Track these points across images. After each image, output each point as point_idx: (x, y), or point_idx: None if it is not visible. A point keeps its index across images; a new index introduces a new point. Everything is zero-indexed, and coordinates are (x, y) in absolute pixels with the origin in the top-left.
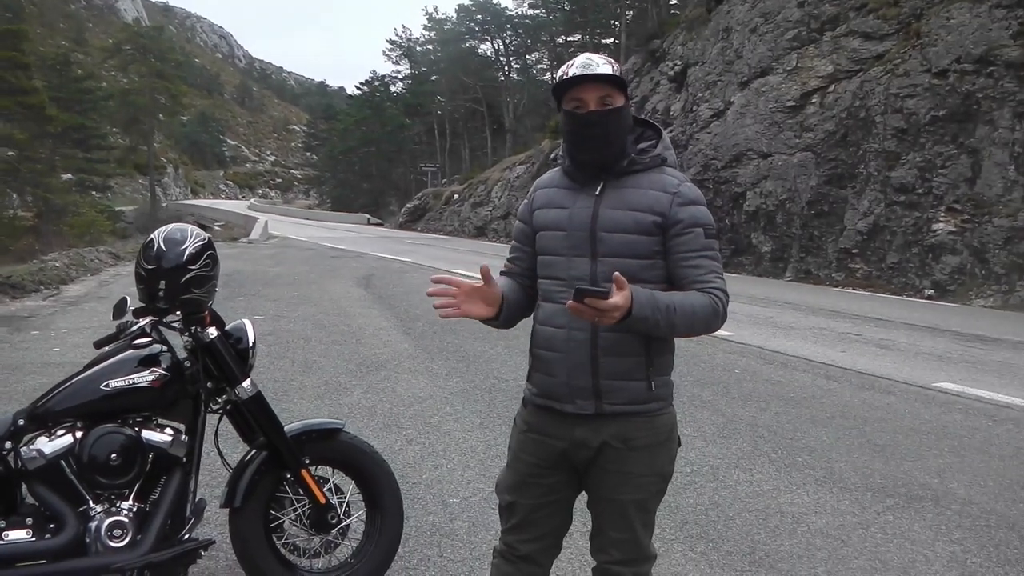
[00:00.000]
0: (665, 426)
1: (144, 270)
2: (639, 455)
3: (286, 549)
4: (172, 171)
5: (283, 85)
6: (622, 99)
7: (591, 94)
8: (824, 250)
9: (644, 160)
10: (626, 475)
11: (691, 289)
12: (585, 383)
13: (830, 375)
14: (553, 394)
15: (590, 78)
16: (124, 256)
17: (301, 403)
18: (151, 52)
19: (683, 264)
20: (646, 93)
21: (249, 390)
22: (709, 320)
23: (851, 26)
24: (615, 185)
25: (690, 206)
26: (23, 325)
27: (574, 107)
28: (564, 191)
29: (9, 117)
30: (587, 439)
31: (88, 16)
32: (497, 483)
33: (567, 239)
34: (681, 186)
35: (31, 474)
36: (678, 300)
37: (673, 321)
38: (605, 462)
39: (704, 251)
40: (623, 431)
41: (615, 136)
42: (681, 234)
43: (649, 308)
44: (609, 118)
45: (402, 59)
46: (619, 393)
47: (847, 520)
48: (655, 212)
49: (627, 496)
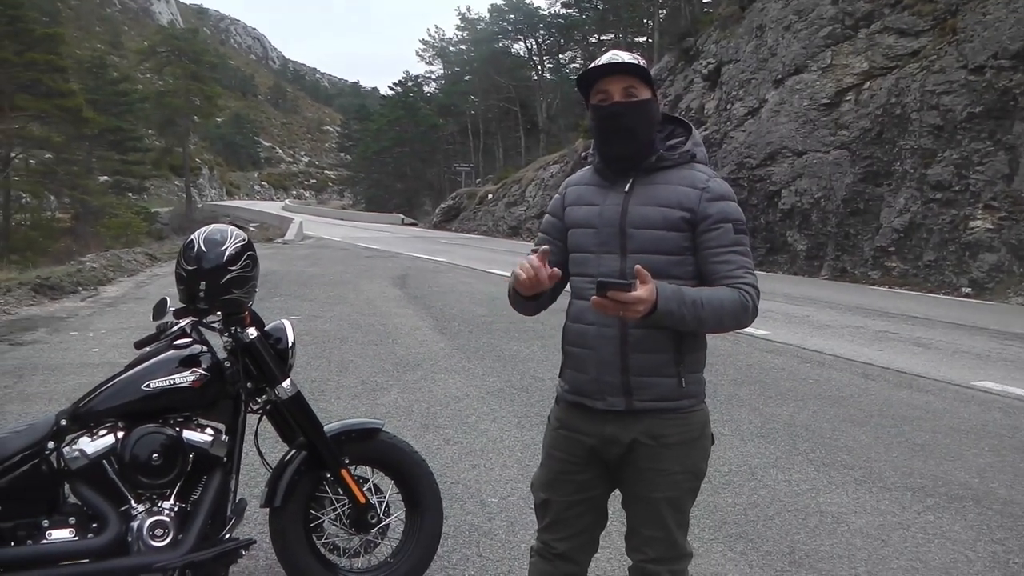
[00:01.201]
0: (698, 423)
1: (184, 271)
2: (671, 452)
3: (326, 548)
4: (207, 172)
5: (317, 86)
6: (647, 92)
7: (615, 85)
8: (860, 248)
9: (673, 156)
10: (659, 472)
11: (721, 285)
12: (615, 379)
13: (867, 374)
14: (584, 390)
15: (614, 68)
16: (160, 257)
17: (338, 403)
18: (186, 54)
19: (712, 260)
20: (680, 92)
21: (289, 390)
22: (738, 315)
23: (886, 23)
24: (644, 181)
25: (719, 201)
26: (62, 326)
27: (599, 100)
28: (595, 188)
29: (47, 120)
30: (617, 435)
31: (123, 19)
32: (532, 481)
33: (597, 236)
34: (710, 181)
35: (74, 474)
36: (706, 295)
37: (700, 316)
38: (637, 459)
39: (734, 246)
40: (654, 428)
41: (641, 129)
42: (710, 230)
43: (675, 302)
44: (634, 109)
45: (435, 59)
46: (649, 389)
47: (887, 520)
48: (684, 208)
49: (660, 494)
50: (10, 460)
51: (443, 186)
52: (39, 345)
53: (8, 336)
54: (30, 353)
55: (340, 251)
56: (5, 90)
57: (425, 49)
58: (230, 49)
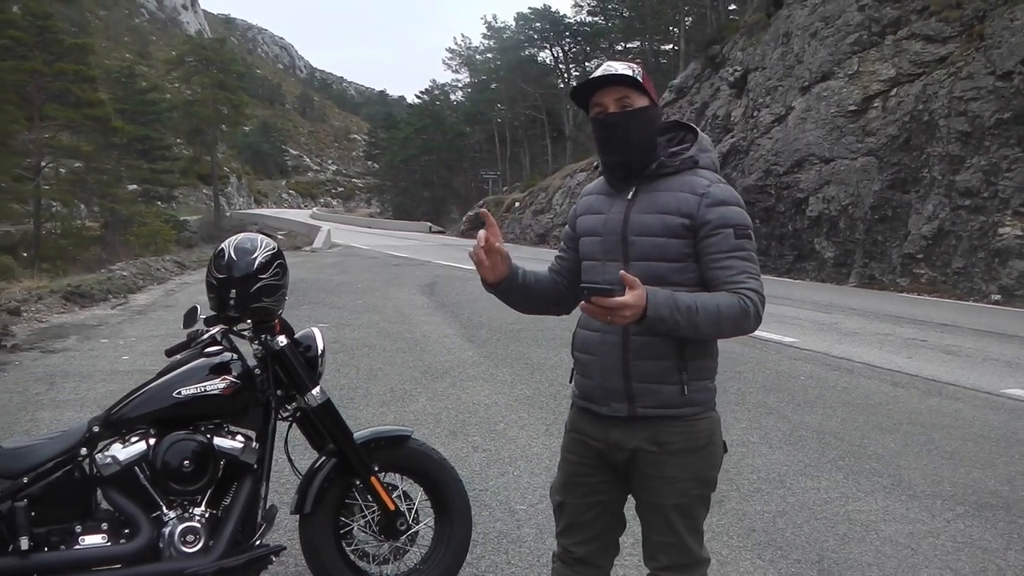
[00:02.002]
0: (704, 431)
1: (215, 279)
2: (676, 459)
3: (355, 555)
4: (235, 181)
5: (344, 95)
6: (643, 100)
7: (609, 97)
8: (888, 255)
9: (674, 163)
10: (665, 480)
11: (722, 290)
12: (617, 385)
13: (896, 381)
14: (590, 396)
15: (605, 80)
16: (189, 265)
17: (367, 410)
18: (214, 63)
19: (713, 266)
20: (706, 99)
21: (319, 397)
22: (739, 320)
23: (913, 29)
24: (647, 189)
25: (719, 207)
26: (92, 333)
27: (596, 112)
28: (603, 197)
29: (76, 129)
30: (621, 441)
31: (152, 29)
32: (551, 486)
33: (601, 244)
34: (711, 187)
35: (106, 480)
36: (701, 301)
37: (695, 321)
38: (643, 466)
39: (734, 252)
40: (657, 435)
41: (637, 137)
42: (710, 235)
43: (666, 308)
44: (628, 119)
45: (462, 68)
46: (651, 396)
47: (917, 528)
48: (683, 214)
49: (668, 501)
50: (44, 466)
51: (470, 194)
52: (70, 352)
53: (40, 343)
54: (61, 360)
55: (368, 259)
56: (35, 100)
57: (452, 57)
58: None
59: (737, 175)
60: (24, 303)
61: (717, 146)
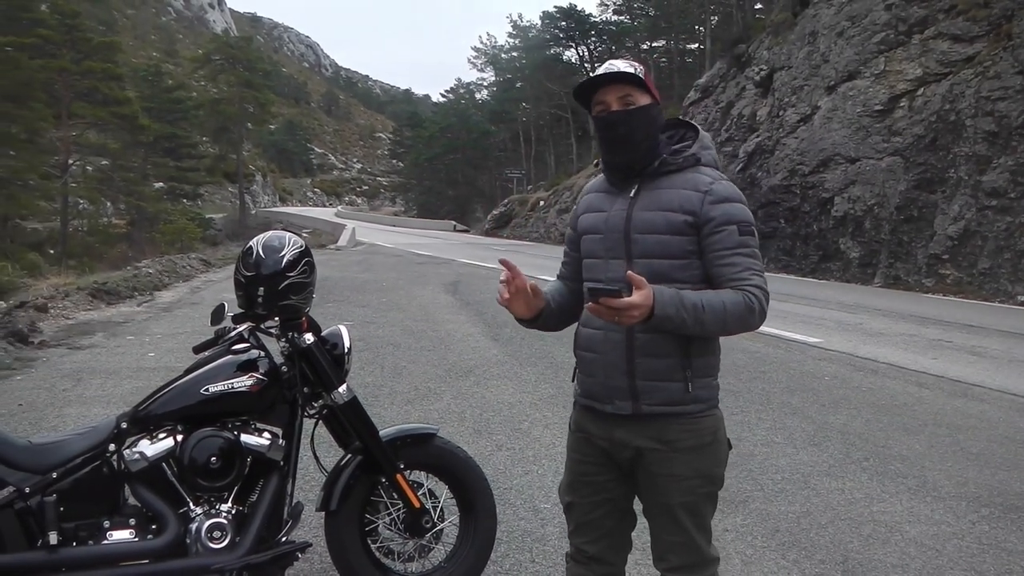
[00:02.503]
0: (709, 428)
1: (243, 276)
2: (682, 457)
3: (380, 552)
4: (260, 179)
5: (369, 93)
6: (645, 99)
7: (611, 95)
8: (914, 256)
9: (677, 161)
10: (671, 478)
11: (726, 288)
12: (622, 383)
13: (922, 382)
14: (593, 394)
15: (607, 79)
16: (215, 263)
17: (392, 408)
18: (240, 62)
19: (717, 263)
20: (732, 98)
21: (345, 395)
22: (744, 317)
23: (940, 28)
24: (649, 187)
25: (723, 203)
26: (119, 330)
27: (599, 111)
28: (604, 195)
29: (103, 127)
30: (626, 440)
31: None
32: (558, 486)
33: (603, 242)
34: (714, 184)
35: (134, 476)
36: (707, 298)
37: (702, 319)
38: (648, 464)
39: (738, 248)
40: (663, 433)
41: (640, 136)
42: (714, 232)
43: (673, 307)
44: (630, 117)
45: (487, 66)
46: (656, 394)
47: (942, 530)
48: (686, 211)
49: (676, 499)
50: (73, 462)
51: (495, 193)
52: (97, 349)
53: (67, 340)
54: (88, 357)
55: (392, 257)
56: (63, 98)
57: (477, 56)
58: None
59: (762, 175)
60: (51, 300)
61: (742, 146)
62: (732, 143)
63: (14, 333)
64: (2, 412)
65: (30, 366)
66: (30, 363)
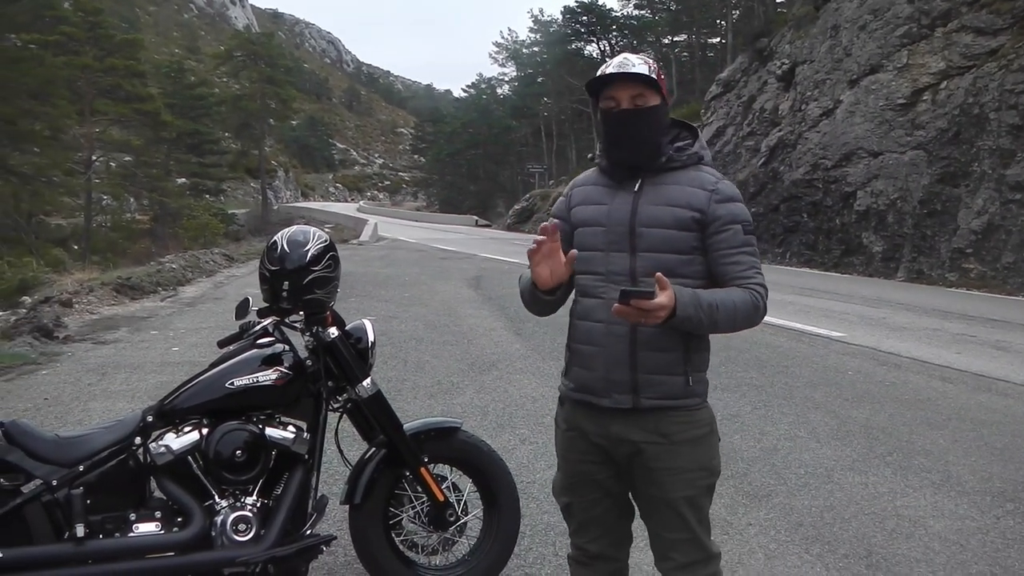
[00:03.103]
0: (705, 420)
1: (268, 271)
2: (683, 449)
3: (404, 546)
4: (283, 174)
5: (390, 89)
6: (656, 99)
7: (624, 93)
8: (937, 250)
9: (682, 158)
10: (672, 471)
11: (732, 285)
12: (623, 377)
13: (945, 377)
14: (590, 388)
15: (623, 77)
16: (238, 258)
17: (415, 403)
18: (262, 58)
19: (724, 261)
20: (754, 92)
21: (369, 389)
22: (750, 315)
23: (963, 21)
24: (653, 182)
25: (728, 203)
26: (143, 325)
27: (608, 106)
28: (602, 188)
29: (126, 123)
30: (623, 434)
31: (200, 24)
32: (552, 486)
33: (606, 234)
34: (719, 183)
35: (159, 469)
36: (720, 298)
37: (716, 318)
38: (649, 460)
39: (743, 247)
40: (661, 426)
41: (648, 135)
42: (720, 231)
43: (692, 307)
44: (641, 117)
45: (508, 61)
46: (657, 387)
47: (966, 524)
48: (693, 208)
49: (678, 493)
50: (99, 455)
51: (516, 188)
52: (121, 344)
53: (91, 335)
54: (112, 352)
55: (415, 252)
56: (86, 95)
57: (498, 51)
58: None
59: (784, 169)
60: (76, 295)
61: (764, 140)
62: (754, 137)
63: (39, 328)
64: (28, 406)
65: (55, 360)
66: (55, 358)
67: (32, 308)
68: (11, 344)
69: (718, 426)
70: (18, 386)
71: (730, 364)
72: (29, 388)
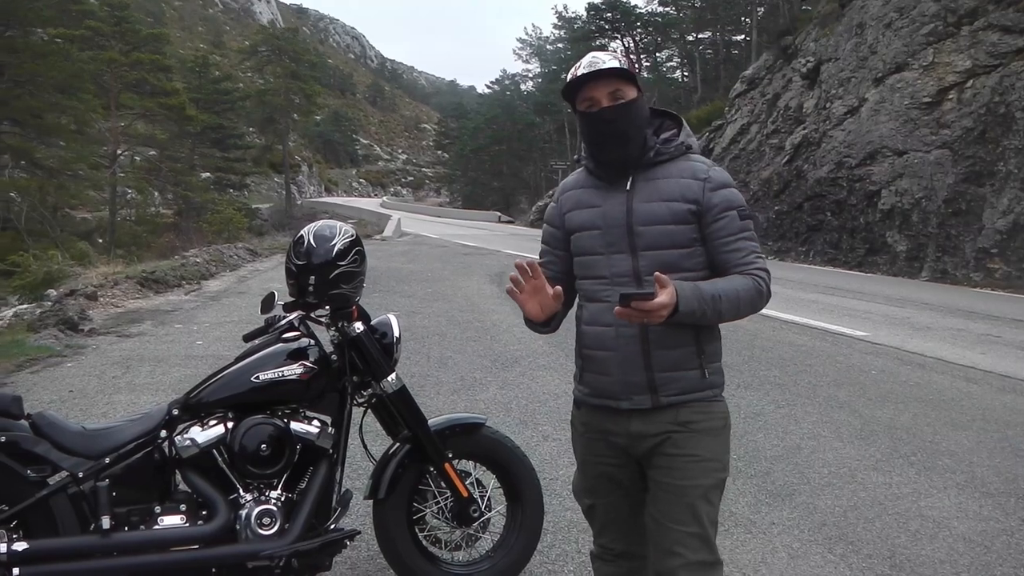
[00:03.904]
0: (720, 413)
1: (294, 265)
2: (702, 437)
3: (428, 541)
4: (306, 169)
5: (414, 84)
6: (633, 92)
7: (601, 91)
8: (961, 249)
9: (669, 150)
10: (692, 459)
11: (734, 273)
12: (639, 378)
13: (970, 377)
14: (607, 392)
15: (596, 75)
16: (261, 252)
17: (438, 398)
18: (286, 53)
19: (723, 249)
20: (778, 90)
21: (394, 384)
22: (754, 301)
23: (990, 20)
24: (644, 178)
25: (721, 190)
26: (167, 319)
27: (587, 107)
28: (592, 190)
29: (151, 118)
30: (644, 430)
31: (225, 19)
32: (573, 487)
33: (603, 237)
34: (710, 171)
35: (184, 462)
36: (722, 287)
37: (720, 309)
38: (670, 448)
39: (741, 233)
40: (681, 416)
41: (633, 130)
42: (717, 219)
43: (695, 301)
44: (622, 112)
45: (532, 58)
46: (674, 384)
47: (990, 526)
48: (688, 200)
49: (695, 481)
50: (125, 447)
51: (540, 184)
52: (145, 337)
53: (116, 328)
54: (137, 345)
55: (437, 248)
56: (112, 89)
57: (522, 47)
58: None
59: (808, 167)
60: (100, 288)
61: (788, 138)
62: (778, 135)
63: (65, 321)
64: (53, 398)
65: (80, 353)
66: (80, 350)
67: (57, 301)
68: (37, 337)
69: (741, 424)
70: (44, 378)
71: (753, 362)
72: (54, 380)
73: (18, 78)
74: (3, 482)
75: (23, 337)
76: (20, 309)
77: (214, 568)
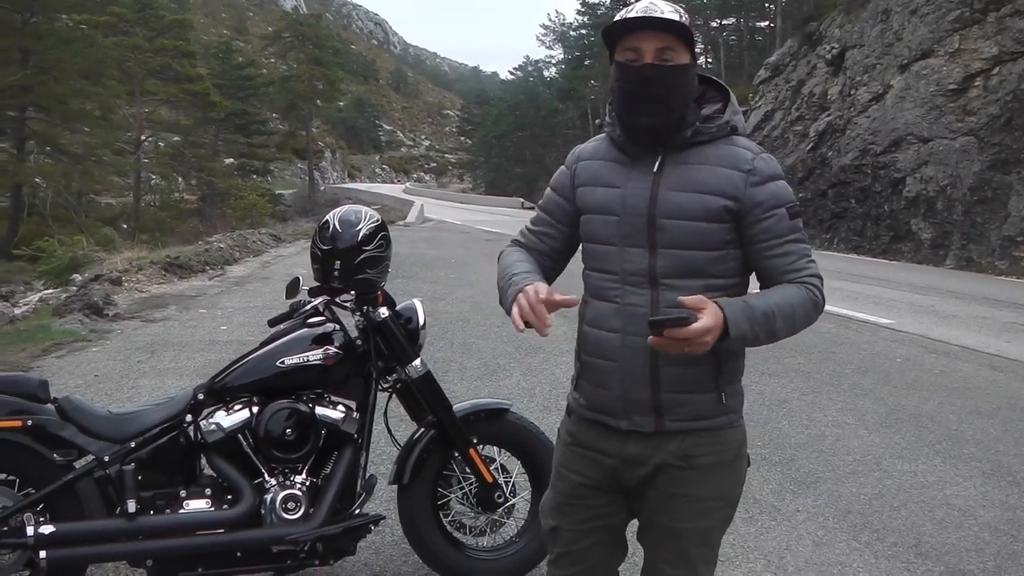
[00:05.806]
0: (733, 443)
1: (320, 250)
2: (702, 475)
3: (452, 526)
4: (330, 155)
5: (437, 71)
6: (687, 56)
7: (649, 44)
8: (987, 237)
9: (710, 129)
10: (687, 498)
11: (782, 281)
12: (643, 397)
13: (995, 365)
14: (605, 408)
15: (649, 23)
16: (285, 238)
17: (461, 384)
18: (309, 39)
19: (769, 254)
20: (802, 77)
21: (419, 369)
22: (809, 315)
23: (1016, 6)
24: (676, 160)
25: (768, 183)
26: (191, 304)
27: (628, 58)
28: (614, 165)
29: (175, 104)
30: (641, 456)
31: (249, 5)
32: (541, 504)
33: (619, 226)
34: (756, 160)
35: (210, 446)
36: (775, 302)
37: (773, 328)
38: (663, 484)
39: (791, 235)
40: (684, 448)
41: (675, 99)
42: (762, 219)
43: (746, 322)
44: (668, 75)
45: (555, 44)
46: (683, 408)
47: (1016, 515)
48: (727, 195)
49: (687, 524)
50: (151, 431)
51: None
52: (170, 322)
53: (140, 313)
54: (161, 330)
55: (460, 234)
56: (136, 75)
57: (545, 34)
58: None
59: (833, 154)
60: (125, 273)
61: (812, 125)
62: (803, 122)
63: (90, 306)
64: (79, 383)
65: (105, 338)
66: (105, 335)
67: (82, 286)
68: (62, 321)
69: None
70: (69, 363)
71: (777, 349)
72: (80, 365)
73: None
74: (30, 466)
75: (49, 322)
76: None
77: (239, 552)
